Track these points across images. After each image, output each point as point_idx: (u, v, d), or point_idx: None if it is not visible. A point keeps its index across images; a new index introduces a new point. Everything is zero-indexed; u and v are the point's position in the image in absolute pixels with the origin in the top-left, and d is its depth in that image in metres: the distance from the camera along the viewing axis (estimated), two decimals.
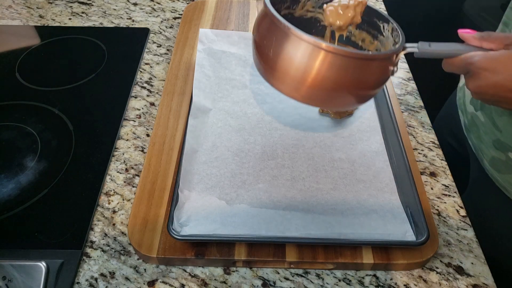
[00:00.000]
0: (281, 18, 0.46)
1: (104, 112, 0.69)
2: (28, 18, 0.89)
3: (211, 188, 0.56)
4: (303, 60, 0.45)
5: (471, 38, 0.47)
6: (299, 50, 0.45)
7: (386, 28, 0.55)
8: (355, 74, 0.45)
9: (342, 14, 0.54)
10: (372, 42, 0.59)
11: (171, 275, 0.51)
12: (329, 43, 0.44)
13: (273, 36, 0.46)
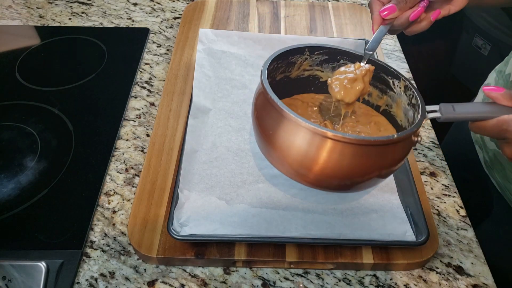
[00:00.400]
0: (285, 107, 0.42)
1: (104, 112, 0.69)
2: (28, 18, 0.89)
3: (211, 188, 0.56)
4: (312, 149, 0.42)
5: (500, 97, 0.42)
6: (305, 139, 0.42)
7: (397, 84, 0.52)
8: (371, 160, 0.42)
9: (350, 89, 0.49)
10: (381, 97, 0.55)
11: (171, 275, 0.51)
12: (335, 132, 0.41)
13: (276, 122, 0.44)
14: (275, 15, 0.87)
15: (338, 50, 0.54)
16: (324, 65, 0.56)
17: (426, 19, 0.51)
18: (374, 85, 0.55)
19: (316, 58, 0.55)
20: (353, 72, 0.49)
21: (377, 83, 0.55)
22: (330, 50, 0.54)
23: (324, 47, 0.54)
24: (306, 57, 0.54)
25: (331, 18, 0.87)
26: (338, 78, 0.50)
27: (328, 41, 0.76)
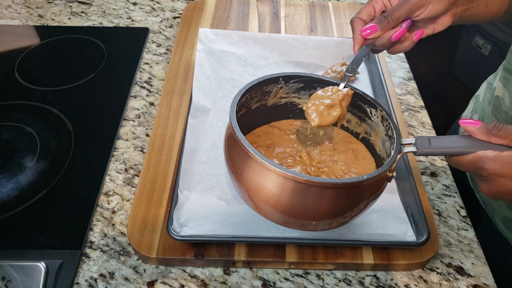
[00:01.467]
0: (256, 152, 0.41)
1: (104, 112, 0.69)
2: (27, 17, 0.88)
3: (211, 188, 0.56)
4: (282, 193, 0.41)
5: (476, 131, 0.41)
6: (274, 182, 0.41)
7: (374, 113, 0.51)
8: (341, 201, 0.42)
9: (327, 115, 0.48)
10: (360, 124, 0.55)
11: (171, 275, 0.50)
12: (303, 176, 0.40)
13: (243, 162, 0.43)
14: (275, 15, 0.87)
15: (314, 78, 0.53)
16: (301, 92, 0.55)
17: (409, 39, 0.50)
18: (353, 112, 0.54)
19: (292, 86, 0.54)
20: (330, 98, 0.48)
21: (355, 111, 0.54)
22: (306, 78, 0.53)
23: (299, 76, 0.52)
24: (282, 86, 0.53)
25: (331, 17, 0.86)
26: (314, 103, 0.49)
27: (328, 40, 0.76)
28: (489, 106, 0.60)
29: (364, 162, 0.54)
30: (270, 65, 0.74)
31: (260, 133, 0.57)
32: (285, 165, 0.52)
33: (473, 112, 0.67)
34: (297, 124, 0.58)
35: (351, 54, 0.75)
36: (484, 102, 0.63)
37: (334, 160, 0.54)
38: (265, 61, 0.75)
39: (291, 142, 0.55)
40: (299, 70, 0.74)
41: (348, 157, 0.54)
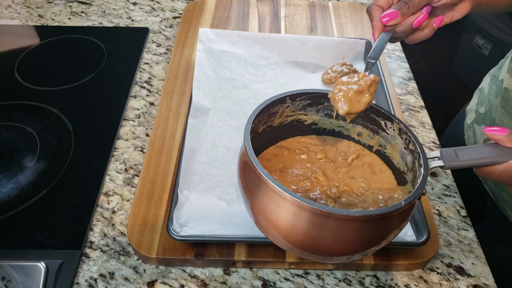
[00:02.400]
0: (275, 182, 0.38)
1: (104, 112, 0.69)
2: (27, 17, 0.88)
3: (211, 188, 0.56)
4: (301, 224, 0.38)
5: (504, 139, 0.40)
6: (304, 218, 0.38)
7: (390, 126, 0.49)
8: (373, 232, 0.39)
9: (357, 102, 0.46)
10: (373, 137, 0.52)
11: (171, 275, 0.50)
12: (331, 208, 0.37)
13: (260, 191, 0.40)
14: (275, 15, 0.87)
15: (321, 93, 0.50)
16: (307, 108, 0.53)
17: (429, 27, 0.49)
18: (365, 125, 0.52)
19: (299, 104, 0.52)
20: (357, 83, 0.47)
21: (367, 123, 0.52)
22: (313, 94, 0.51)
23: (306, 93, 0.50)
24: (288, 105, 0.51)
25: (332, 17, 0.86)
26: (341, 89, 0.47)
27: (328, 40, 0.76)
28: (496, 99, 0.60)
29: (383, 176, 0.51)
30: (270, 65, 0.74)
31: (269, 156, 0.53)
32: (303, 189, 0.49)
33: (478, 105, 0.67)
34: (305, 141, 0.55)
35: (351, 54, 0.75)
36: (490, 95, 0.63)
37: (351, 177, 0.50)
38: (265, 61, 0.75)
39: (303, 163, 0.52)
40: (299, 70, 0.74)
41: (365, 172, 0.51)
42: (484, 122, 0.63)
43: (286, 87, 0.71)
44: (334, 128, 0.54)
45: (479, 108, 0.66)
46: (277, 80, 0.72)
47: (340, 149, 0.54)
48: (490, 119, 0.61)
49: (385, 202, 0.47)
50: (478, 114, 0.66)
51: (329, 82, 0.71)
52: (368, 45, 0.75)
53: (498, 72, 0.63)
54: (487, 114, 0.63)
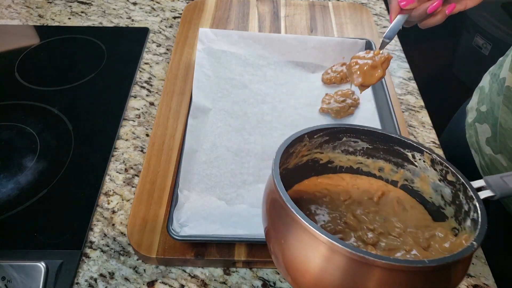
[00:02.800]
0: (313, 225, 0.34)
1: (104, 112, 0.69)
2: (27, 17, 0.88)
3: (211, 188, 0.56)
4: (341, 274, 0.33)
5: None
6: (349, 268, 0.33)
7: (419, 157, 0.45)
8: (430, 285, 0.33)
9: (370, 76, 0.49)
10: (396, 171, 0.48)
11: (171, 275, 0.50)
12: (380, 257, 0.31)
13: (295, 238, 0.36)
14: (275, 15, 0.87)
15: (340, 128, 0.47)
16: (324, 146, 0.48)
17: (442, 13, 0.50)
18: (387, 159, 0.48)
19: (316, 141, 0.48)
20: (372, 59, 0.49)
21: (390, 157, 0.48)
22: (332, 130, 0.47)
23: (324, 129, 0.47)
24: (306, 143, 0.47)
25: (332, 17, 0.86)
26: (357, 63, 0.49)
27: (328, 40, 0.76)
28: (498, 97, 0.60)
29: (415, 212, 0.47)
30: (270, 65, 0.74)
31: None
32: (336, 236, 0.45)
33: (479, 104, 0.67)
34: (322, 182, 0.50)
35: (351, 54, 0.75)
36: (491, 93, 0.63)
37: (383, 217, 0.46)
38: (265, 61, 0.75)
39: (328, 206, 0.47)
40: (299, 70, 0.74)
41: (396, 210, 0.47)
42: (486, 121, 0.63)
43: (286, 87, 0.71)
44: (352, 165, 0.50)
45: (480, 107, 0.66)
46: (277, 80, 0.72)
47: (362, 187, 0.49)
48: (493, 117, 0.61)
49: (427, 242, 0.43)
50: (480, 113, 0.66)
51: (329, 82, 0.72)
52: (368, 45, 0.75)
53: (498, 70, 0.64)
54: (489, 112, 0.63)
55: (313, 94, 0.70)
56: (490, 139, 0.62)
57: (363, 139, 0.47)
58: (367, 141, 0.47)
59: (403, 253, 0.41)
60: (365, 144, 0.48)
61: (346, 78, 0.71)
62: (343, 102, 0.67)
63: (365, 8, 0.89)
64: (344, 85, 0.71)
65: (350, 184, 0.49)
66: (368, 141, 0.47)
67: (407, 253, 0.41)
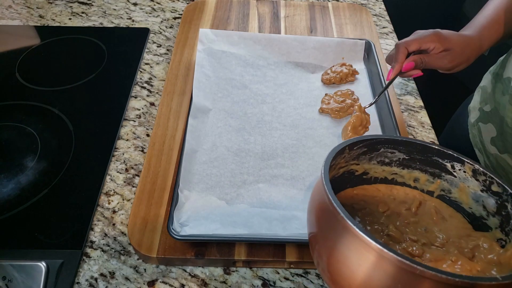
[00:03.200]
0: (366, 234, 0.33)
1: (104, 112, 0.69)
2: (28, 18, 0.89)
3: (211, 188, 0.56)
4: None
5: None
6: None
7: (459, 168, 0.45)
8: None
9: (358, 132, 0.60)
10: (433, 182, 0.48)
11: (171, 275, 0.51)
12: (447, 273, 0.30)
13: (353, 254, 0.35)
14: (275, 15, 0.87)
15: (379, 139, 0.47)
16: (360, 157, 0.48)
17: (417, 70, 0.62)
18: (423, 169, 0.48)
19: (354, 153, 0.47)
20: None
21: (426, 167, 0.48)
22: (371, 141, 0.47)
23: (364, 140, 0.46)
24: (345, 155, 0.46)
25: (331, 18, 0.87)
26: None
27: (328, 41, 0.76)
28: (504, 97, 0.60)
29: (455, 221, 0.47)
30: (270, 65, 0.74)
31: None
32: None
33: (482, 103, 0.67)
34: (359, 194, 0.50)
35: (351, 55, 0.76)
36: (496, 93, 0.63)
37: (424, 228, 0.45)
38: (265, 62, 0.75)
39: (367, 218, 0.46)
40: (299, 70, 0.74)
41: (435, 220, 0.47)
42: (490, 120, 0.63)
43: (286, 87, 0.71)
44: (386, 176, 0.49)
45: (484, 107, 0.66)
46: (277, 80, 0.72)
47: (398, 198, 0.49)
48: (498, 117, 0.61)
49: (471, 253, 0.42)
50: (483, 113, 0.66)
51: (329, 82, 0.72)
52: (367, 45, 0.75)
53: (500, 70, 0.64)
54: (493, 112, 0.63)
55: (313, 94, 0.70)
56: (495, 139, 0.62)
57: (400, 150, 0.47)
58: (404, 151, 0.47)
59: (450, 264, 0.41)
60: (402, 155, 0.47)
61: (345, 78, 0.72)
62: (343, 102, 0.67)
63: (364, 8, 0.89)
64: (343, 85, 0.72)
65: (386, 195, 0.49)
66: (406, 151, 0.47)
67: (454, 264, 0.40)
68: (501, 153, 0.61)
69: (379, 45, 0.80)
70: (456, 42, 0.60)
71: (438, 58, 0.60)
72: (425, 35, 0.60)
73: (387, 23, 0.89)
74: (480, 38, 0.62)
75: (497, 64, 0.67)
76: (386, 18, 0.90)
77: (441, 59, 0.60)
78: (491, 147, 0.64)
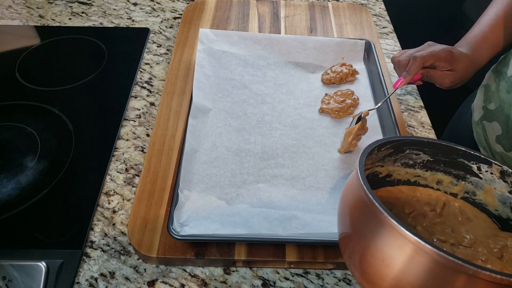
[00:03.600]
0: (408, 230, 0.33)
1: (104, 112, 0.69)
2: (28, 18, 0.89)
3: (211, 188, 0.56)
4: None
5: None
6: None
7: (486, 170, 0.45)
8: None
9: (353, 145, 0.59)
10: (456, 184, 0.48)
11: (171, 275, 0.51)
12: (487, 269, 0.30)
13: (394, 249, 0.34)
14: (275, 15, 0.87)
15: (405, 140, 0.46)
16: (386, 159, 0.48)
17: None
18: (447, 171, 0.48)
19: (381, 154, 0.47)
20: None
21: (450, 169, 0.47)
22: (398, 142, 0.46)
23: (392, 141, 0.46)
24: (372, 156, 0.46)
25: (331, 18, 0.87)
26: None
27: (328, 41, 0.76)
28: (508, 95, 0.60)
29: (480, 222, 0.47)
30: (270, 65, 0.75)
31: None
32: None
33: (486, 102, 0.67)
34: (383, 196, 0.50)
35: (351, 54, 0.76)
36: (500, 92, 0.63)
37: (451, 228, 0.45)
38: (265, 62, 0.75)
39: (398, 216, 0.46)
40: (299, 70, 0.74)
41: (461, 220, 0.47)
42: (495, 119, 0.63)
43: (286, 87, 0.71)
44: (409, 178, 0.49)
45: (488, 105, 0.66)
46: (277, 80, 0.72)
47: (422, 199, 0.49)
48: (503, 115, 0.61)
49: (500, 253, 0.42)
50: (487, 111, 0.66)
51: (329, 82, 0.72)
52: (367, 45, 0.75)
53: (504, 68, 0.64)
54: (498, 110, 0.63)
55: (313, 94, 0.70)
56: (500, 137, 0.62)
57: (425, 151, 0.47)
58: (429, 153, 0.47)
59: (480, 263, 0.40)
60: (427, 157, 0.47)
61: (345, 78, 0.72)
62: (343, 102, 0.67)
63: (364, 8, 0.89)
64: (343, 85, 0.72)
65: (409, 197, 0.49)
66: (431, 153, 0.47)
67: (484, 264, 0.40)
68: (507, 151, 0.61)
69: (379, 45, 0.80)
70: (461, 64, 0.61)
71: (442, 75, 0.62)
72: (440, 52, 0.61)
73: (387, 23, 0.89)
74: (481, 58, 0.63)
75: (500, 62, 0.67)
76: (386, 18, 0.90)
77: (444, 77, 0.62)
78: (496, 146, 0.64)
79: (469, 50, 0.63)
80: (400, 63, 0.63)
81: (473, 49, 0.63)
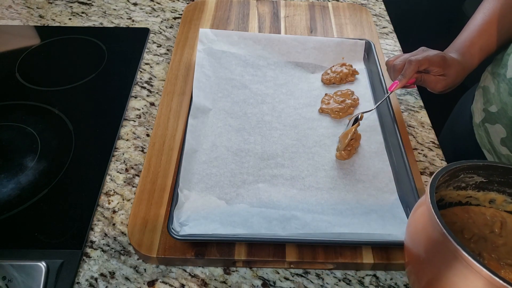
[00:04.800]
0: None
1: (104, 112, 0.69)
2: (28, 18, 0.89)
3: (211, 188, 0.56)
4: None
5: None
6: None
7: None
8: None
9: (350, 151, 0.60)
10: (510, 202, 0.47)
11: (171, 275, 0.51)
12: None
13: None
14: (275, 15, 0.87)
15: (462, 166, 0.44)
16: (440, 186, 0.46)
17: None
18: (501, 190, 0.47)
19: (438, 183, 0.45)
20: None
21: (504, 188, 0.46)
22: (454, 169, 0.45)
23: (450, 169, 0.44)
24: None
25: (331, 18, 0.87)
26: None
27: (328, 41, 0.76)
28: (510, 97, 0.60)
29: None
30: (270, 65, 0.75)
31: None
32: None
33: (487, 104, 0.66)
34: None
35: (351, 55, 0.76)
36: (500, 94, 0.63)
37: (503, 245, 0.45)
38: (265, 62, 0.75)
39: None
40: (299, 70, 0.74)
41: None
42: (498, 121, 0.63)
43: (286, 88, 0.71)
44: (461, 200, 0.48)
45: (489, 107, 0.66)
46: (277, 80, 0.72)
47: (477, 221, 0.48)
48: (506, 117, 0.61)
49: None
50: (489, 113, 0.65)
51: (329, 82, 0.72)
52: (367, 45, 0.75)
53: (502, 70, 0.63)
54: (500, 112, 0.63)
55: (313, 94, 0.70)
56: (505, 140, 0.62)
57: (479, 174, 0.46)
58: (483, 175, 0.46)
59: None
60: (480, 178, 0.46)
61: (345, 78, 0.72)
62: (343, 103, 0.67)
63: (364, 8, 0.89)
64: (343, 85, 0.72)
65: (465, 219, 0.48)
66: (485, 175, 0.46)
67: None
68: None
69: (379, 45, 0.80)
70: (453, 70, 0.63)
71: (435, 80, 0.63)
72: (434, 57, 0.62)
73: (387, 23, 0.89)
74: (471, 63, 0.65)
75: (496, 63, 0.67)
76: (386, 18, 0.90)
77: (437, 82, 0.63)
78: (501, 148, 0.63)
79: (459, 55, 0.64)
80: (396, 67, 0.64)
81: (462, 55, 0.65)
